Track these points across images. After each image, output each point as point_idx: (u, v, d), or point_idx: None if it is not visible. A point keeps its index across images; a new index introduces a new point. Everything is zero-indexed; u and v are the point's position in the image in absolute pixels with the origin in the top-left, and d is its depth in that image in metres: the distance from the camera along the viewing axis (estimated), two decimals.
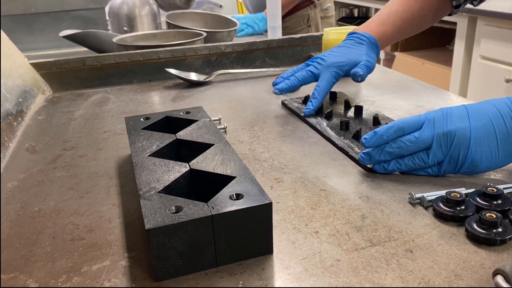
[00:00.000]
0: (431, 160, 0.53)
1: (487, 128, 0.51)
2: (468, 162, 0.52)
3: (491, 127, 0.51)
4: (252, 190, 0.42)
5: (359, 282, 0.38)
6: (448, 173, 0.54)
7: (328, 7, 2.03)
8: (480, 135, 0.51)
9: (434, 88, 0.89)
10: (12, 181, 0.59)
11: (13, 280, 0.40)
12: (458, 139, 0.51)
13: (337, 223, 0.47)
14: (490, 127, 0.51)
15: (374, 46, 0.79)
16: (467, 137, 0.51)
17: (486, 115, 0.51)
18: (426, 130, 0.53)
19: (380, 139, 0.54)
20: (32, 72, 0.96)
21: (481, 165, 0.52)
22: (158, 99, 0.91)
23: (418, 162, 0.54)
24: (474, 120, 0.51)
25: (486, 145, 0.51)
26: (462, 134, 0.51)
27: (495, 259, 0.41)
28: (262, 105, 0.84)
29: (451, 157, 0.52)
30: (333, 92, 0.82)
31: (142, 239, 0.45)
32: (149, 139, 0.55)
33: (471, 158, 0.51)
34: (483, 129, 0.51)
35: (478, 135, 0.51)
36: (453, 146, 0.52)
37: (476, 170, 0.53)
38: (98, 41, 1.33)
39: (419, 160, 0.54)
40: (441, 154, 0.53)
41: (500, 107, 0.52)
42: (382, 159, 0.55)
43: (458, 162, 0.52)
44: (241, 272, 0.40)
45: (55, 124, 0.79)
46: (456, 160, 0.52)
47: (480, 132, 0.51)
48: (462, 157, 0.52)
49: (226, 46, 1.08)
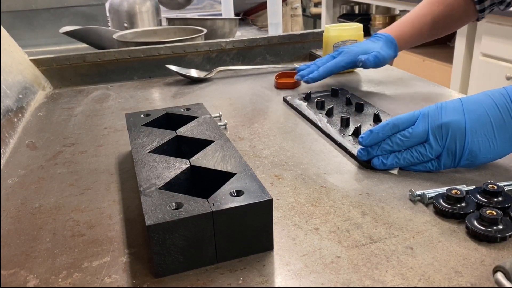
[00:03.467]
0: (429, 153, 0.53)
1: (482, 118, 0.51)
2: (466, 153, 0.52)
3: (486, 117, 0.51)
4: (252, 187, 0.42)
5: (359, 278, 0.38)
6: (449, 167, 0.54)
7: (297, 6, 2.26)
8: (476, 126, 0.51)
9: (435, 85, 0.89)
10: (12, 177, 0.59)
11: (14, 276, 0.40)
12: (453, 131, 0.52)
13: (338, 220, 0.47)
14: (485, 117, 0.51)
15: (390, 43, 0.84)
16: (462, 128, 0.51)
17: (481, 106, 0.52)
18: (420, 124, 0.53)
19: (376, 137, 0.55)
20: (32, 68, 0.96)
21: (480, 156, 0.52)
22: (159, 96, 0.91)
23: (417, 155, 0.54)
24: (469, 112, 0.52)
25: (482, 135, 0.51)
26: (457, 126, 0.52)
27: (495, 256, 0.41)
28: (263, 102, 0.84)
29: (448, 149, 0.52)
30: (334, 89, 0.82)
31: (142, 236, 0.45)
32: (149, 136, 0.55)
33: (469, 149, 0.52)
34: (478, 119, 0.51)
35: (473, 125, 0.51)
36: (449, 137, 0.52)
37: (476, 162, 0.53)
38: (99, 37, 1.33)
39: (417, 153, 0.54)
40: (438, 147, 0.53)
41: (495, 97, 0.52)
42: (379, 154, 0.56)
43: (456, 154, 0.52)
44: (242, 268, 0.40)
45: (56, 120, 0.79)
46: (454, 151, 0.52)
47: (475, 122, 0.51)
48: (459, 149, 0.52)
49: (227, 42, 1.08)
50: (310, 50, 1.16)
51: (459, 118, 0.52)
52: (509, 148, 0.52)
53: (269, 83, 0.95)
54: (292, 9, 2.22)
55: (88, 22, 1.59)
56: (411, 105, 0.78)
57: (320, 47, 1.14)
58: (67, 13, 1.61)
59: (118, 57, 1.02)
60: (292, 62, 1.12)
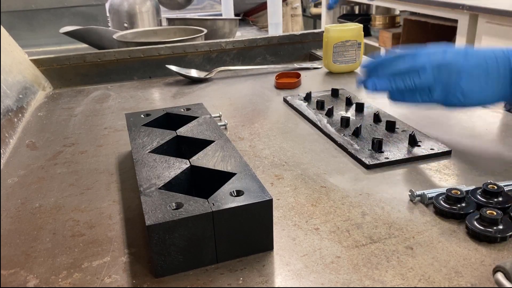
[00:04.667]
0: (422, 82, 0.55)
1: (481, 66, 0.54)
2: (459, 91, 0.54)
3: (485, 65, 0.54)
4: (252, 187, 0.42)
5: (360, 278, 0.38)
6: (438, 102, 0.55)
7: (297, 6, 2.23)
8: (473, 70, 0.54)
9: None
10: (12, 177, 0.59)
11: (14, 276, 0.40)
12: (451, 69, 0.54)
13: (338, 220, 0.47)
14: (484, 65, 0.54)
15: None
16: (460, 68, 0.54)
17: (482, 55, 0.55)
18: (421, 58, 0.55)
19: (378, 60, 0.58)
20: (32, 68, 0.96)
21: (470, 97, 0.54)
22: (159, 96, 0.91)
23: (409, 82, 0.55)
24: (470, 58, 0.55)
25: (476, 80, 0.54)
26: (456, 66, 0.54)
27: (496, 256, 0.41)
28: (263, 102, 0.84)
29: (442, 83, 0.54)
30: (334, 89, 0.82)
31: (142, 235, 0.45)
32: (149, 136, 0.55)
33: (462, 87, 0.54)
34: (477, 66, 0.54)
35: (471, 69, 0.54)
36: (446, 74, 0.54)
37: (465, 102, 0.55)
38: (99, 37, 1.33)
39: (411, 81, 0.55)
40: (432, 78, 0.54)
41: (497, 52, 0.55)
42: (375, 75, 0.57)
43: (449, 90, 0.54)
44: (242, 268, 0.40)
45: (56, 120, 0.79)
46: (447, 87, 0.54)
47: (473, 68, 0.54)
48: (453, 86, 0.54)
49: (227, 43, 1.08)
50: (310, 50, 1.16)
51: (459, 60, 0.54)
52: (497, 97, 0.55)
53: (269, 83, 0.95)
54: (292, 9, 2.23)
55: (88, 22, 1.59)
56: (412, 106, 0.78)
57: (320, 47, 1.14)
58: (67, 13, 1.61)
59: (118, 57, 1.02)
60: (292, 62, 1.12)
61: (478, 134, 0.66)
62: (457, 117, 0.72)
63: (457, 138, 0.64)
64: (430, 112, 0.74)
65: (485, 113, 0.73)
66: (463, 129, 0.67)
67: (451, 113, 0.73)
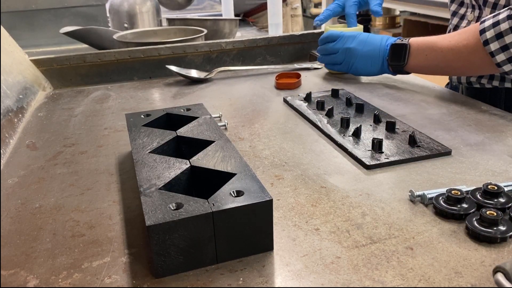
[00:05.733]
0: (337, 60, 0.90)
1: (370, 52, 0.86)
2: (354, 68, 0.89)
3: (372, 52, 0.85)
4: (252, 187, 0.42)
5: (359, 279, 0.38)
6: (343, 71, 0.93)
7: (297, 6, 2.27)
8: (364, 55, 0.86)
9: (434, 85, 0.89)
10: (12, 178, 0.59)
11: (14, 276, 0.40)
12: (352, 53, 0.88)
13: (338, 220, 0.47)
14: (371, 52, 0.85)
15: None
16: (357, 53, 0.87)
17: (373, 43, 0.86)
18: (339, 43, 0.90)
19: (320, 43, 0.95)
20: (32, 68, 0.96)
21: (360, 72, 0.89)
22: (159, 96, 0.91)
23: (330, 59, 0.92)
24: (365, 45, 0.86)
25: (364, 60, 0.87)
26: (355, 51, 0.87)
27: (496, 256, 0.41)
28: (263, 102, 0.84)
29: (345, 61, 0.89)
30: (334, 90, 0.82)
31: (142, 236, 0.45)
32: (149, 136, 0.55)
33: (355, 65, 0.88)
34: (368, 52, 0.86)
35: (363, 54, 0.86)
36: (348, 56, 0.88)
37: (357, 75, 0.92)
38: (99, 38, 1.33)
39: (331, 58, 0.92)
40: (342, 58, 0.89)
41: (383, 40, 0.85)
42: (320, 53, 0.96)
43: (349, 66, 0.89)
44: (242, 268, 0.40)
45: (56, 120, 0.79)
46: (348, 64, 0.89)
47: (365, 52, 0.86)
48: (351, 64, 0.89)
49: (227, 43, 1.08)
50: (310, 51, 1.16)
51: (358, 47, 0.87)
52: (377, 72, 0.87)
53: (270, 83, 0.95)
54: (292, 9, 2.23)
55: (89, 22, 1.59)
56: (411, 105, 0.78)
57: None
58: (67, 13, 1.61)
59: (118, 57, 1.02)
60: (292, 62, 1.12)
61: (478, 134, 0.66)
62: (457, 118, 0.72)
63: (457, 138, 0.64)
64: (430, 113, 0.74)
65: (484, 114, 0.73)
66: (463, 129, 0.67)
67: (451, 113, 0.73)
